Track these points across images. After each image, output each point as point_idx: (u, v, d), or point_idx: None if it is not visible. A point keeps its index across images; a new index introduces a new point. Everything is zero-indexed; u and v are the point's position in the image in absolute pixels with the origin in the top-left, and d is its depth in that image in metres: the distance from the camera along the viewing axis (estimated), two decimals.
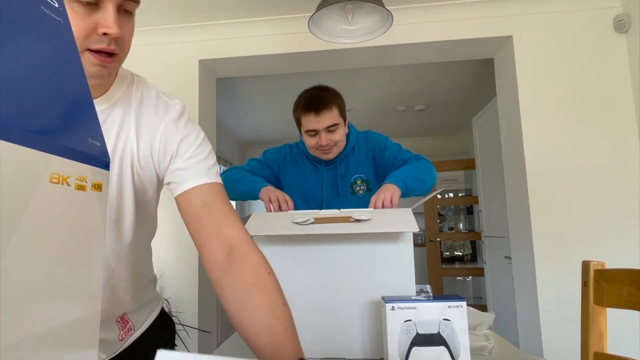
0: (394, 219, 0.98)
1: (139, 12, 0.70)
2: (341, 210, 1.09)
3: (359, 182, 1.50)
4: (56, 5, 0.37)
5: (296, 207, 1.34)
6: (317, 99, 1.42)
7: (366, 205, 1.28)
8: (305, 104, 1.42)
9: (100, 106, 0.73)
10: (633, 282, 0.82)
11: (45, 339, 0.32)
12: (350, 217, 0.99)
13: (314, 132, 1.42)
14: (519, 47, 2.40)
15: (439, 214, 5.34)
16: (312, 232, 0.95)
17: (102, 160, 0.38)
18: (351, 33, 1.72)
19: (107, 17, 0.63)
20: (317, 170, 1.55)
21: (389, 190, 1.24)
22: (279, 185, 1.55)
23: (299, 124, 1.48)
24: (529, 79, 2.37)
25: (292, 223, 0.99)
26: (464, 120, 5.10)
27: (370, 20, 1.66)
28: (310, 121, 1.40)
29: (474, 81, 3.87)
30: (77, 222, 0.35)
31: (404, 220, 0.96)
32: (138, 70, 0.83)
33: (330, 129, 1.41)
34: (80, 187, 0.35)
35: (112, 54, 0.67)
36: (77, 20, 0.62)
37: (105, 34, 0.64)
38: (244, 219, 1.12)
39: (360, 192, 1.50)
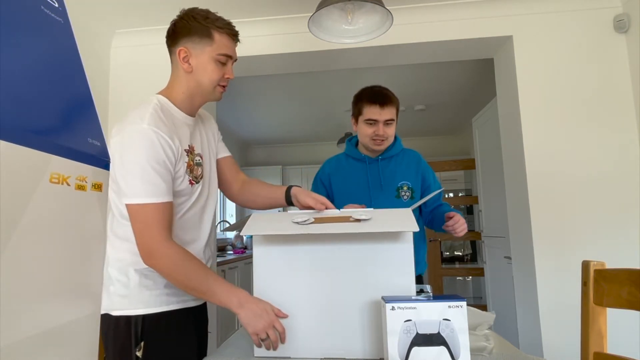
0: (394, 219, 0.98)
1: (139, 13, 0.70)
2: (341, 210, 1.09)
3: (405, 188, 1.63)
4: (56, 5, 0.37)
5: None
6: (383, 94, 1.60)
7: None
8: (371, 96, 1.60)
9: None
10: (633, 282, 0.82)
11: (45, 339, 0.32)
12: (350, 217, 0.99)
13: (374, 122, 1.58)
14: (519, 47, 2.40)
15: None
16: (312, 232, 0.95)
17: (102, 160, 0.38)
18: (351, 33, 1.72)
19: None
20: (361, 168, 1.67)
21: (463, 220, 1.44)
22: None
23: (359, 113, 1.63)
24: (529, 79, 2.37)
25: (292, 223, 0.99)
26: (464, 120, 5.10)
27: (370, 20, 1.66)
28: (374, 112, 1.57)
29: (474, 81, 3.87)
30: (77, 222, 0.35)
31: (404, 220, 0.96)
32: (138, 69, 0.83)
33: (388, 122, 1.59)
34: (81, 187, 0.35)
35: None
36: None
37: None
38: (244, 219, 1.12)
39: (405, 197, 1.63)
